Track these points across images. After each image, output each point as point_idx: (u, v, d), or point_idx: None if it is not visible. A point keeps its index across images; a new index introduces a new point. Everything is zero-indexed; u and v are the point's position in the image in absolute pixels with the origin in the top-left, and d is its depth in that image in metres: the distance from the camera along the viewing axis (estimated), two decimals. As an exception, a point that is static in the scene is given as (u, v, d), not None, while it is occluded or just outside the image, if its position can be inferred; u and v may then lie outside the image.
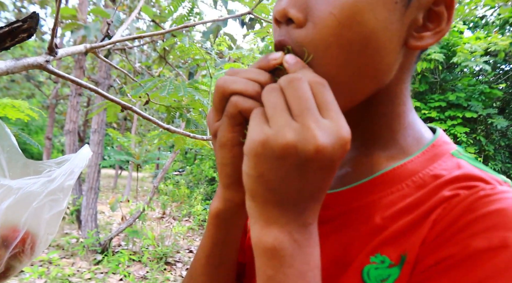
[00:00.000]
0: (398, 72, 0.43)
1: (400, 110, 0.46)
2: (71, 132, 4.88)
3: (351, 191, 0.46)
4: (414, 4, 0.39)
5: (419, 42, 0.41)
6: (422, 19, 0.41)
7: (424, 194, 0.41)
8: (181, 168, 8.78)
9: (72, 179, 0.68)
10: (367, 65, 0.39)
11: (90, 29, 3.94)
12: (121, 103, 1.20)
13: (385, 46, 0.39)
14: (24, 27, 0.63)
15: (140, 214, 4.39)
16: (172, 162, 4.29)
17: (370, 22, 0.37)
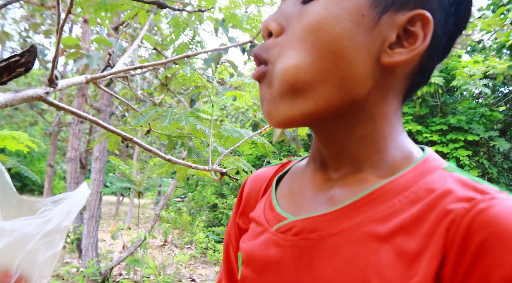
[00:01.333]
0: (378, 92, 0.44)
1: (385, 132, 0.45)
2: (73, 160, 4.86)
3: (340, 211, 0.44)
4: (385, 21, 0.41)
5: (390, 58, 0.42)
6: (396, 37, 0.42)
7: (420, 209, 0.40)
8: (182, 194, 8.72)
9: (69, 219, 0.65)
10: (331, 70, 0.41)
11: (92, 58, 3.99)
12: (121, 135, 1.19)
13: (350, 56, 0.41)
14: (22, 61, 0.62)
15: (142, 242, 4.32)
16: (174, 189, 4.25)
17: (334, 30, 0.40)
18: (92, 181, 4.89)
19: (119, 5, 1.87)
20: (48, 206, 0.71)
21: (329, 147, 0.48)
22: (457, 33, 0.46)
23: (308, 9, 0.42)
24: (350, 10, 0.41)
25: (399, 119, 0.47)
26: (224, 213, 6.87)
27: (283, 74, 0.42)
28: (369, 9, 0.41)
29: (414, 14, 0.41)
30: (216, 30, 4.31)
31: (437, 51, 0.45)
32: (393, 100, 0.45)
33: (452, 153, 5.74)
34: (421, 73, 0.46)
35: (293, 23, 0.43)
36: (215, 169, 1.30)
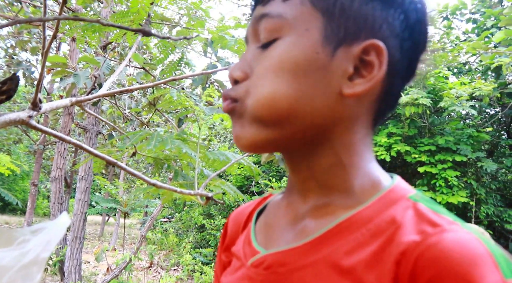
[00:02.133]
0: (343, 123, 0.45)
1: (352, 161, 0.46)
2: (57, 180, 4.77)
3: (308, 244, 0.45)
4: (340, 55, 0.44)
5: (351, 90, 0.43)
6: (354, 68, 0.44)
7: (380, 243, 0.41)
8: (169, 215, 8.59)
9: (48, 251, 0.63)
10: (293, 106, 0.44)
11: (79, 76, 3.95)
12: (106, 159, 1.16)
13: (310, 91, 0.43)
14: (4, 89, 0.60)
15: (127, 264, 4.22)
16: (160, 209, 4.18)
17: (292, 69, 0.43)
18: (77, 201, 4.79)
19: (107, 27, 1.86)
20: (27, 235, 0.69)
21: (299, 176, 0.49)
22: (417, 54, 0.48)
23: (268, 53, 0.45)
24: (305, 49, 0.44)
25: (368, 147, 0.48)
26: (212, 234, 6.78)
27: (252, 109, 0.45)
28: (322, 46, 0.44)
29: (366, 45, 0.43)
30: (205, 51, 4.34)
31: (399, 75, 0.46)
32: (360, 129, 0.47)
33: (440, 173, 5.79)
34: (386, 98, 0.47)
35: (256, 68, 0.46)
36: (200, 193, 1.27)
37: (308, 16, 0.44)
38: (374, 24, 0.44)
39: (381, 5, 0.44)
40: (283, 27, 0.45)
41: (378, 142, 6.33)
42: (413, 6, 0.46)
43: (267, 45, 0.46)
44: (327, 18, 0.44)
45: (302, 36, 0.44)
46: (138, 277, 5.37)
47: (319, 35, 0.44)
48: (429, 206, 0.42)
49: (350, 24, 0.44)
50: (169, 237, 6.92)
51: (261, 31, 0.47)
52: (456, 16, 8.15)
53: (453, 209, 5.88)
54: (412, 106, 5.67)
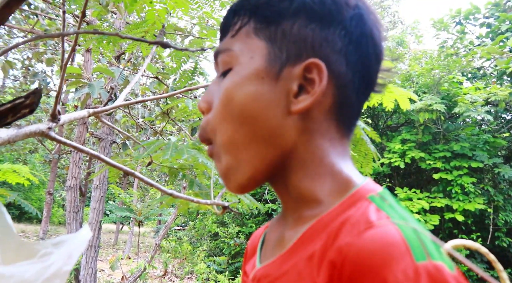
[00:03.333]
0: (302, 138, 0.48)
1: (319, 171, 0.48)
2: (73, 189, 4.83)
3: (282, 256, 0.48)
4: (284, 76, 0.47)
5: (297, 106, 0.46)
6: (299, 87, 0.47)
7: (325, 246, 0.42)
8: (183, 223, 8.60)
9: (70, 264, 0.63)
10: (253, 132, 0.47)
11: (94, 87, 4.01)
12: (123, 169, 1.17)
13: (262, 114, 0.47)
14: (27, 103, 0.62)
15: (141, 273, 4.23)
16: (174, 218, 4.19)
17: (240, 97, 0.47)
18: (91, 209, 4.84)
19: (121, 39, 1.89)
20: (48, 248, 0.69)
21: (280, 195, 0.52)
22: (369, 66, 0.50)
23: (221, 84, 0.50)
24: (250, 76, 0.47)
25: (337, 156, 0.49)
26: (225, 242, 6.76)
27: (222, 149, 0.49)
28: (266, 70, 0.47)
29: (306, 64, 0.46)
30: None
31: (349, 87, 0.48)
32: (323, 141, 0.49)
33: (456, 180, 5.70)
34: (341, 108, 0.49)
35: (214, 99, 0.51)
36: (217, 203, 1.28)
37: (252, 46, 0.48)
38: (313, 44, 0.47)
39: (320, 25, 0.47)
40: (232, 59, 0.49)
41: (392, 149, 6.27)
42: (355, 22, 0.48)
43: (224, 74, 0.50)
44: (270, 45, 0.48)
45: (247, 65, 0.48)
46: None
47: (263, 61, 0.48)
48: (378, 204, 0.43)
49: (291, 46, 0.47)
50: (183, 245, 6.92)
51: (219, 66, 0.51)
52: (470, 21, 8.07)
53: (470, 216, 5.78)
54: (426, 113, 5.62)
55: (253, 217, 7.22)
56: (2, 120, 0.62)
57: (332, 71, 0.47)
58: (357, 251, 0.38)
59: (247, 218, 7.14)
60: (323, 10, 0.47)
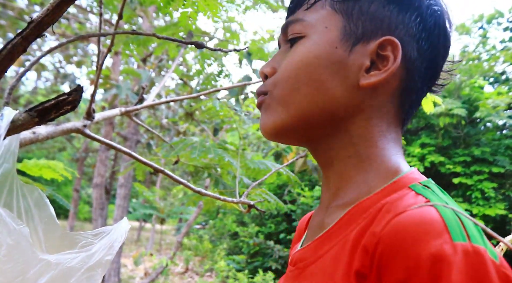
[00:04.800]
0: (362, 115, 0.49)
1: (370, 152, 0.49)
2: (99, 186, 4.96)
3: (319, 239, 0.48)
4: (357, 50, 0.48)
5: (367, 80, 0.48)
6: (371, 62, 0.48)
7: (360, 231, 0.42)
8: (203, 221, 8.70)
9: (111, 254, 0.63)
10: (313, 94, 0.49)
11: (121, 88, 4.14)
12: (153, 166, 1.23)
13: (327, 81, 0.48)
14: (69, 99, 0.66)
15: (163, 269, 4.32)
16: (196, 216, 4.27)
17: (311, 61, 0.49)
18: (116, 206, 4.97)
19: (151, 40, 1.95)
20: (88, 239, 0.71)
21: (323, 169, 0.53)
22: (437, 57, 0.51)
23: (292, 50, 0.52)
24: (324, 44, 0.49)
25: (390, 141, 0.50)
26: (245, 242, 6.81)
27: (278, 95, 0.51)
28: (341, 42, 0.49)
29: (383, 40, 0.48)
30: (240, 62, 4.43)
31: (418, 74, 0.50)
32: (380, 123, 0.50)
33: (476, 184, 5.60)
34: (406, 94, 0.50)
35: (282, 63, 0.52)
36: (243, 201, 1.32)
37: (327, 17, 0.50)
38: (390, 24, 0.49)
39: (398, 8, 0.49)
40: (305, 28, 0.51)
41: (411, 152, 6.19)
42: (431, 11, 0.50)
43: (292, 42, 0.52)
44: (346, 19, 0.49)
45: (322, 34, 0.50)
46: (174, 281, 5.47)
47: (338, 33, 0.49)
48: (418, 190, 0.43)
49: (368, 24, 0.49)
50: (203, 243, 7.01)
51: (288, 35, 0.53)
52: (492, 25, 7.89)
53: (491, 221, 5.66)
54: (446, 117, 5.54)
55: (272, 217, 7.25)
56: (46, 116, 0.66)
57: (404, 53, 0.48)
58: (389, 232, 0.37)
59: (266, 218, 7.18)
60: None
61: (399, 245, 0.36)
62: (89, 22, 6.35)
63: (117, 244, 0.64)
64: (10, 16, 5.25)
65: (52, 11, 0.54)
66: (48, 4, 0.53)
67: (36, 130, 0.98)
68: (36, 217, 0.70)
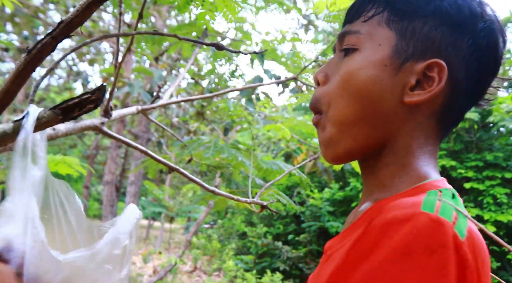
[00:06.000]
0: (405, 128, 0.52)
1: (406, 161, 0.52)
2: (110, 183, 5.01)
3: (345, 231, 0.53)
4: (406, 69, 0.51)
5: (411, 98, 0.50)
6: (416, 81, 0.50)
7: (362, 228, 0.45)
8: (212, 221, 8.73)
9: (118, 248, 0.60)
10: (365, 112, 0.51)
11: (134, 86, 4.17)
12: (168, 165, 1.24)
13: (377, 97, 0.51)
14: (92, 98, 0.67)
15: (172, 267, 4.34)
16: (205, 215, 4.29)
17: (362, 78, 0.51)
18: (126, 204, 5.01)
19: (165, 39, 1.97)
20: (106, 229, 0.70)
21: (367, 174, 0.57)
22: (485, 77, 0.53)
23: (344, 63, 0.54)
24: (375, 62, 0.52)
25: (426, 153, 0.53)
26: (253, 242, 6.82)
27: (331, 120, 0.54)
28: (391, 60, 0.51)
29: (431, 62, 0.50)
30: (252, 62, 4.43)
31: (463, 93, 0.52)
32: (420, 136, 0.52)
33: (488, 190, 5.53)
34: (448, 112, 0.53)
35: (334, 74, 0.55)
36: (256, 202, 1.32)
37: (382, 34, 0.53)
38: (440, 46, 0.50)
39: (450, 30, 0.51)
40: (360, 41, 0.53)
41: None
42: (485, 32, 0.51)
43: (346, 52, 0.55)
44: (399, 38, 0.52)
45: (375, 50, 0.52)
46: (182, 280, 5.50)
47: (390, 50, 0.52)
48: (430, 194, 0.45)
49: (419, 44, 0.51)
50: (212, 243, 7.03)
51: (343, 45, 0.55)
52: (508, 28, 7.79)
53: (503, 227, 5.59)
54: (459, 121, 5.47)
55: (281, 218, 7.25)
56: (69, 114, 0.67)
57: (451, 75, 0.50)
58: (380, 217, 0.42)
59: (275, 219, 7.18)
60: (458, 18, 0.50)
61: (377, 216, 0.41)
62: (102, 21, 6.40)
63: (124, 236, 0.61)
64: (26, 14, 5.32)
65: (82, 12, 0.55)
66: (77, 5, 0.54)
67: (56, 127, 0.99)
68: (68, 210, 0.70)
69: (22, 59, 0.56)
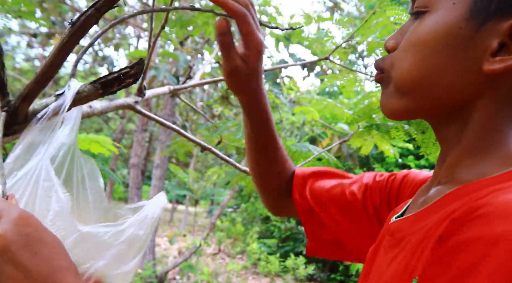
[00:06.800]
0: (485, 100, 0.45)
1: (488, 137, 0.46)
2: (136, 166, 5.10)
3: (419, 213, 0.47)
4: (485, 31, 0.43)
5: (492, 66, 0.43)
6: (499, 45, 0.43)
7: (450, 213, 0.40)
8: (235, 205, 8.82)
9: (143, 228, 0.62)
10: (432, 77, 0.46)
11: (160, 70, 4.20)
12: (201, 145, 1.24)
13: (448, 65, 0.45)
14: (131, 73, 0.67)
15: (197, 249, 4.42)
16: (230, 198, 4.32)
17: (432, 44, 0.46)
18: (152, 187, 5.10)
19: (194, 21, 1.96)
20: (128, 214, 0.69)
21: (444, 146, 0.51)
22: None
23: (415, 26, 0.49)
24: (448, 23, 0.45)
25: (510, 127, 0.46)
26: (276, 226, 6.86)
27: (395, 80, 0.50)
28: (467, 21, 0.44)
29: None
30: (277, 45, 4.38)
31: None
32: (503, 108, 0.46)
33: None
34: None
35: (403, 40, 0.50)
36: (286, 182, 1.31)
37: None
38: None
39: None
40: (431, 2, 0.47)
41: None
42: None
43: (417, 15, 0.49)
44: None
45: (447, 10, 0.46)
46: (206, 262, 5.60)
47: (466, 9, 0.45)
48: None
49: None
50: (236, 226, 7.12)
51: (414, 7, 0.50)
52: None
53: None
54: None
55: (305, 203, 7.24)
56: (109, 88, 0.68)
57: None
58: (478, 204, 0.36)
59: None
60: None
61: (473, 217, 0.35)
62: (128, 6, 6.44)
63: (149, 220, 0.63)
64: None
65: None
66: (120, -25, 0.54)
67: (92, 104, 1.00)
68: (88, 187, 0.70)
69: (66, 32, 0.56)
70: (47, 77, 0.60)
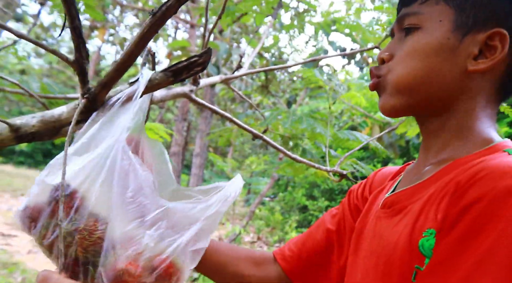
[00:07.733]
0: (468, 93, 0.56)
1: (469, 124, 0.57)
2: (176, 154, 5.23)
3: (416, 186, 0.56)
4: (467, 40, 0.55)
5: (475, 67, 0.54)
6: (479, 51, 0.55)
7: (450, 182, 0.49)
8: (272, 194, 8.87)
9: (225, 206, 0.65)
10: (425, 80, 0.56)
11: (201, 60, 4.25)
12: (253, 132, 1.26)
13: (441, 66, 0.56)
14: (200, 61, 0.69)
15: (236, 236, 4.50)
16: (269, 187, 4.36)
17: (426, 51, 0.56)
18: (192, 175, 5.22)
19: (240, 10, 1.97)
20: (199, 195, 0.71)
21: (428, 136, 0.61)
22: None
23: (408, 39, 0.59)
24: (438, 36, 0.56)
25: (489, 115, 0.58)
26: (314, 215, 6.86)
27: (392, 82, 0.59)
28: (453, 33, 0.56)
29: (492, 32, 0.54)
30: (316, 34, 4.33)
31: None
32: (482, 100, 0.57)
33: None
34: (509, 78, 0.57)
35: (398, 52, 0.60)
36: (336, 170, 1.32)
37: (441, 11, 0.57)
38: (499, 15, 0.55)
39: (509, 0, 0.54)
40: (421, 20, 0.58)
41: (498, 132, 5.75)
42: None
43: (407, 31, 0.59)
44: (458, 12, 0.56)
45: (436, 26, 0.57)
46: (245, 250, 5.68)
47: (451, 25, 0.56)
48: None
49: (479, 15, 0.55)
50: (274, 215, 7.17)
51: (404, 25, 0.60)
52: None
53: None
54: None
55: (343, 193, 7.19)
56: (178, 76, 0.71)
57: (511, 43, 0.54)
58: (475, 170, 0.46)
59: (336, 193, 7.13)
60: None
61: (479, 178, 0.44)
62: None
63: (231, 199, 0.65)
64: (98, -8, 5.57)
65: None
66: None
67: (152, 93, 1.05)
68: (155, 170, 0.73)
69: (147, 22, 0.58)
70: (126, 66, 0.64)
